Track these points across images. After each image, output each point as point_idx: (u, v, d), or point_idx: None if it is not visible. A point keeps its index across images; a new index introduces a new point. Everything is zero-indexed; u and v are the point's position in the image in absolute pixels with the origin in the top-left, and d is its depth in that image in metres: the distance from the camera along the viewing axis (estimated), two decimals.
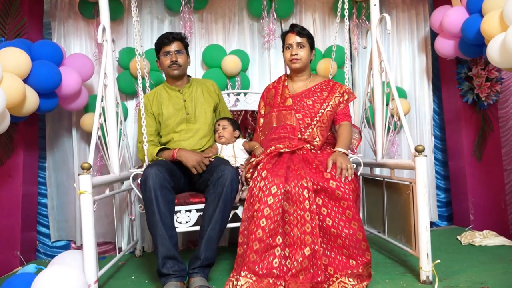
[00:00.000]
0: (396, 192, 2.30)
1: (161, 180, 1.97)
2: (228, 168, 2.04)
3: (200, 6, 3.09)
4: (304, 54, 2.26)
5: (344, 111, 2.27)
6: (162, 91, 2.41)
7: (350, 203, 1.88)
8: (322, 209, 1.91)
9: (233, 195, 2.04)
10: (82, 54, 2.82)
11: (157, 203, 1.94)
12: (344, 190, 1.90)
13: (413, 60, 3.33)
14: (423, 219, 1.96)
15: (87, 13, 2.99)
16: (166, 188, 1.99)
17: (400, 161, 2.30)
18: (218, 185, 2.00)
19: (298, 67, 2.28)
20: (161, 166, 2.02)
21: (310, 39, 2.28)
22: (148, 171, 1.98)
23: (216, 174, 2.03)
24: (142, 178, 1.99)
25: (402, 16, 3.33)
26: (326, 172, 1.94)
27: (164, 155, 2.24)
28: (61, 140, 3.05)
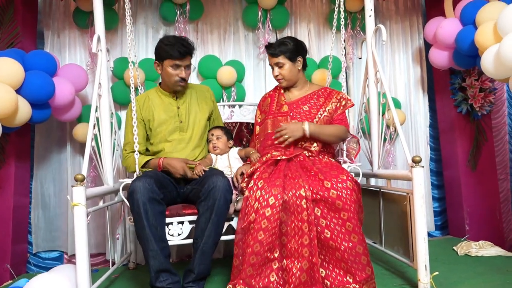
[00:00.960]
0: (392, 203, 2.28)
1: (149, 192, 1.90)
2: (220, 179, 1.97)
3: (196, 16, 3.08)
4: (286, 72, 2.22)
5: (341, 117, 2.24)
6: (154, 96, 2.29)
7: (351, 215, 1.82)
8: (321, 220, 1.85)
9: (226, 206, 1.97)
10: (76, 65, 2.80)
11: (147, 217, 1.88)
12: (345, 200, 1.83)
13: (407, 71, 3.34)
14: (421, 230, 1.94)
15: (82, 22, 2.97)
16: (155, 201, 1.92)
17: (396, 172, 2.29)
18: (210, 197, 1.94)
19: (285, 85, 2.27)
20: (149, 178, 1.95)
21: (287, 53, 2.18)
22: (135, 184, 1.91)
23: (208, 186, 1.96)
24: (129, 191, 1.92)
25: (396, 27, 3.35)
26: (326, 181, 1.88)
27: (150, 166, 2.19)
28: (52, 151, 3.01)
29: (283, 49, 2.18)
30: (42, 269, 2.91)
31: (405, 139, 3.19)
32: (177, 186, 2.21)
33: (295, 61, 2.21)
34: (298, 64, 2.23)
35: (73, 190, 1.81)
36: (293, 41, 2.24)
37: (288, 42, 2.21)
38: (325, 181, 1.88)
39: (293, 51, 2.20)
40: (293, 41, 2.23)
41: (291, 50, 2.19)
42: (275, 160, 2.07)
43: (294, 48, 2.20)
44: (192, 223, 2.08)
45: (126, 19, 2.34)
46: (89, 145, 2.06)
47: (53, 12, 3.04)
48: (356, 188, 1.90)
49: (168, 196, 2.10)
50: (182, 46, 2.14)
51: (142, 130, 2.27)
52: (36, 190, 2.97)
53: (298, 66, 2.23)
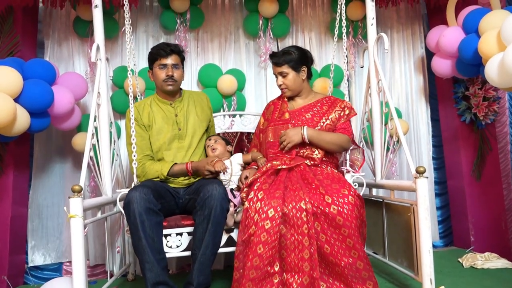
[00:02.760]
0: (396, 214, 2.24)
1: (147, 203, 1.87)
2: (216, 187, 1.93)
3: (196, 25, 3.08)
4: (289, 82, 2.20)
5: (344, 126, 2.21)
6: (152, 103, 2.30)
7: (351, 231, 1.78)
8: (321, 235, 1.81)
9: (223, 215, 1.94)
10: (76, 73, 2.78)
11: (143, 228, 1.85)
12: (346, 217, 1.79)
13: (409, 80, 3.32)
14: (426, 242, 1.90)
15: (82, 31, 2.96)
16: (151, 211, 1.89)
17: (400, 183, 2.25)
18: (206, 206, 1.91)
19: (289, 95, 2.26)
20: (146, 188, 1.92)
21: (291, 62, 2.16)
22: (131, 194, 1.88)
23: (203, 194, 1.93)
24: (125, 202, 1.89)
25: (398, 36, 3.33)
26: (327, 196, 1.85)
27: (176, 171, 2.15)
28: (51, 161, 2.98)
29: (287, 59, 2.16)
30: (41, 280, 2.87)
31: (408, 148, 3.16)
32: (176, 196, 2.18)
33: (299, 71, 2.19)
34: (302, 74, 2.21)
35: (70, 201, 1.78)
36: (298, 50, 2.21)
37: (292, 51, 2.19)
38: (326, 195, 1.84)
39: (297, 60, 2.18)
40: (298, 50, 2.21)
41: (295, 59, 2.17)
42: (276, 169, 2.04)
43: (298, 57, 2.18)
44: (191, 234, 2.05)
45: (125, 28, 2.32)
46: (87, 155, 2.03)
47: (54, 21, 3.04)
48: (358, 203, 1.86)
49: (166, 206, 2.07)
50: (166, 45, 2.21)
51: (147, 136, 2.24)
52: (34, 200, 2.93)
53: (302, 76, 2.21)
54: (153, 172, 2.15)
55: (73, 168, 2.98)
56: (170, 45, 2.22)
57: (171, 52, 2.20)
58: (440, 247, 3.25)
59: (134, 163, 2.15)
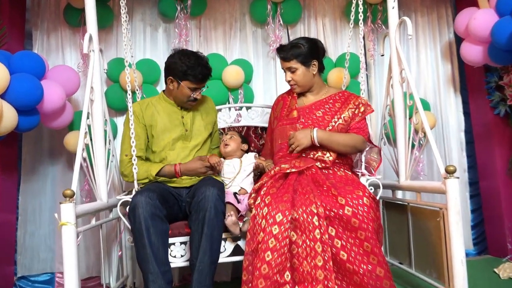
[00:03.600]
0: (423, 219, 2.21)
1: (153, 208, 1.90)
2: (209, 188, 1.96)
3: (198, 12, 3.06)
4: (299, 77, 2.20)
5: (359, 125, 2.20)
6: (157, 102, 2.35)
7: (368, 234, 1.78)
8: (336, 240, 1.81)
9: (219, 218, 1.96)
10: (67, 66, 2.78)
11: (148, 235, 1.87)
12: (362, 218, 1.80)
13: (436, 69, 3.30)
14: (458, 251, 1.87)
15: (73, 20, 2.96)
16: (158, 218, 1.92)
17: (427, 184, 2.22)
18: (200, 209, 1.93)
19: (298, 91, 2.26)
20: (152, 192, 1.95)
21: (300, 57, 2.16)
22: (137, 199, 1.91)
23: (197, 197, 1.96)
24: (131, 207, 1.91)
25: (422, 20, 3.31)
26: (340, 197, 1.84)
27: (165, 173, 2.19)
28: (42, 162, 2.98)
29: (295, 53, 2.16)
30: None
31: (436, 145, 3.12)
32: (179, 199, 2.20)
33: (309, 66, 2.19)
34: (312, 69, 2.20)
35: (61, 207, 1.78)
36: (308, 42, 2.20)
37: (301, 44, 2.18)
38: (339, 197, 1.85)
39: (307, 54, 2.17)
40: (307, 42, 2.20)
41: (304, 53, 2.17)
42: (284, 173, 2.04)
43: (308, 51, 2.17)
44: None
45: (121, 17, 2.31)
46: (80, 156, 2.02)
47: (42, 10, 3.04)
48: (373, 205, 1.86)
49: (170, 212, 2.09)
50: (204, 68, 2.22)
51: (144, 136, 2.28)
52: (23, 206, 2.94)
53: (313, 70, 2.21)
54: (142, 172, 2.18)
55: (66, 170, 2.98)
56: (208, 68, 2.25)
57: (207, 78, 2.26)
58: (473, 256, 3.21)
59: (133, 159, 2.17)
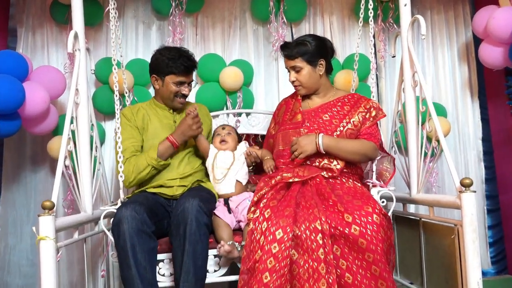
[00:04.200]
0: (436, 236, 2.16)
1: (139, 223, 1.86)
2: (189, 199, 1.92)
3: (195, 8, 3.06)
4: (304, 78, 2.17)
5: (370, 130, 2.16)
6: (148, 107, 2.36)
7: (377, 256, 1.74)
8: (341, 261, 1.77)
9: (201, 231, 1.90)
10: (51, 67, 2.78)
11: (134, 254, 1.84)
12: (371, 239, 1.75)
13: (452, 71, 3.28)
14: (474, 272, 1.81)
15: (60, 17, 2.96)
16: (145, 234, 1.88)
17: (441, 198, 2.17)
18: (180, 223, 1.89)
19: (303, 93, 2.24)
20: (139, 205, 1.91)
21: (306, 55, 2.14)
22: (121, 213, 1.87)
23: (176, 210, 1.93)
24: (114, 221, 1.88)
25: (438, 18, 3.29)
26: (346, 214, 1.80)
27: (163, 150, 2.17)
28: (24, 170, 2.97)
29: (301, 51, 2.13)
30: None
31: (452, 154, 3.12)
32: (169, 211, 2.17)
33: (315, 65, 2.16)
34: (319, 69, 2.18)
35: (39, 220, 1.75)
36: (315, 40, 2.18)
37: (308, 41, 2.16)
38: (345, 213, 1.81)
39: (313, 53, 2.15)
40: (314, 40, 2.18)
41: (311, 51, 2.14)
42: (287, 183, 2.00)
43: (315, 49, 2.15)
44: None
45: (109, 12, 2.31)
46: (61, 164, 1.99)
47: (28, 6, 3.04)
48: (384, 223, 1.82)
49: (159, 226, 2.06)
50: (187, 60, 2.23)
51: (138, 138, 2.28)
52: (3, 217, 2.93)
53: (320, 70, 2.18)
54: (142, 162, 2.16)
55: (50, 178, 2.97)
56: (192, 60, 2.26)
57: (192, 69, 2.27)
58: (491, 275, 3.17)
59: (120, 166, 2.14)
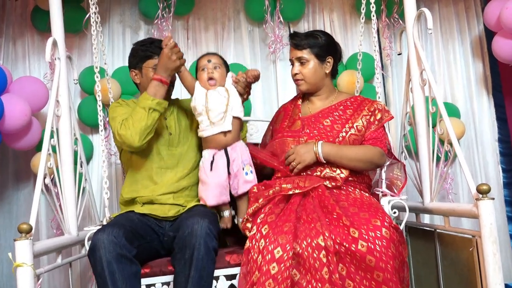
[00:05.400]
0: (453, 248, 2.11)
1: (117, 248, 1.80)
2: (198, 220, 1.85)
3: (185, 11, 3.08)
4: (308, 72, 2.13)
5: (376, 134, 2.11)
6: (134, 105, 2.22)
7: (387, 275, 1.67)
8: (347, 281, 1.71)
9: (209, 257, 1.84)
10: (32, 77, 2.80)
11: (113, 281, 1.77)
12: (380, 255, 1.68)
13: (465, 68, 3.27)
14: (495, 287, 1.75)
15: (42, 25, 2.95)
16: (125, 259, 1.81)
17: (456, 206, 2.12)
18: (186, 246, 1.82)
19: (304, 89, 2.19)
20: (117, 228, 1.85)
21: (316, 48, 2.12)
22: (97, 237, 1.81)
23: (182, 231, 1.85)
24: (90, 247, 1.82)
25: (447, 11, 3.28)
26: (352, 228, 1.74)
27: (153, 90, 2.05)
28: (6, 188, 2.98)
29: (311, 42, 2.12)
30: None
31: (467, 158, 3.10)
32: (160, 233, 2.11)
33: (323, 61, 2.14)
34: (326, 66, 2.16)
35: (15, 245, 1.70)
36: (326, 36, 2.19)
37: (319, 35, 2.16)
38: (351, 228, 1.74)
39: (323, 47, 2.13)
40: (325, 35, 2.19)
41: (321, 45, 2.13)
42: (286, 195, 1.95)
43: (325, 44, 2.14)
44: None
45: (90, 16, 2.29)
46: (40, 183, 1.96)
47: (7, 14, 3.07)
48: (395, 237, 1.75)
49: (147, 248, 2.00)
50: (160, 42, 2.16)
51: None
52: None
53: (326, 68, 2.16)
54: (138, 112, 2.04)
55: None
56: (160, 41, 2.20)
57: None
58: None
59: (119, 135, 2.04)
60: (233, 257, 1.95)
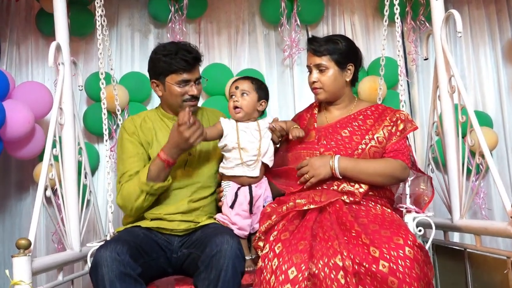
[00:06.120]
0: (485, 270, 2.05)
1: (121, 266, 1.75)
2: (228, 239, 1.80)
3: (197, 13, 3.09)
4: (328, 80, 2.06)
5: (397, 146, 2.04)
6: (153, 117, 2.21)
7: None
8: None
9: (236, 280, 1.80)
10: (37, 83, 2.82)
11: None
12: (403, 277, 1.62)
13: (496, 74, 3.24)
14: None
15: (47, 28, 2.97)
16: (129, 277, 1.77)
17: (489, 224, 2.06)
18: (213, 266, 1.77)
19: (322, 98, 2.12)
20: (121, 245, 1.81)
21: (336, 54, 2.05)
22: (100, 254, 1.77)
23: (209, 250, 1.80)
24: (92, 264, 1.79)
25: (478, 13, 3.28)
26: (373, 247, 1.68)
27: (155, 172, 1.99)
28: (9, 199, 2.99)
29: (331, 48, 2.06)
30: None
31: (501, 171, 3.02)
32: (167, 250, 2.06)
33: (344, 69, 2.08)
34: (347, 74, 2.10)
35: (13, 262, 1.69)
36: (347, 41, 2.12)
37: (339, 40, 2.10)
38: (371, 247, 1.69)
39: (344, 53, 2.07)
40: (346, 41, 2.12)
41: (341, 51, 2.06)
42: (301, 211, 1.91)
43: (346, 50, 2.08)
44: None
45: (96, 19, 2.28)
46: (41, 195, 1.94)
47: (12, 18, 3.10)
48: (419, 257, 1.68)
49: (153, 266, 1.96)
50: (187, 53, 2.08)
51: (143, 156, 2.14)
52: None
53: (347, 76, 2.10)
54: (134, 188, 2.01)
55: None
56: (192, 51, 2.10)
57: (195, 62, 2.09)
58: None
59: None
60: (245, 277, 1.90)
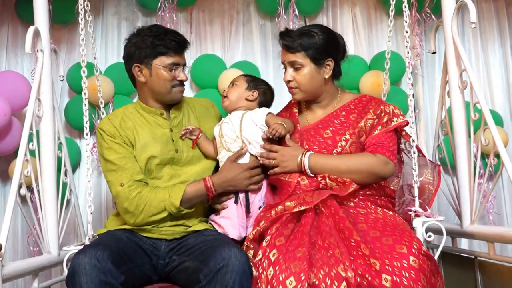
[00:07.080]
0: (498, 280, 2.03)
1: (101, 275, 1.68)
2: (235, 252, 1.73)
3: (188, 2, 3.08)
4: (303, 79, 1.97)
5: (378, 140, 1.95)
6: (133, 114, 2.13)
7: None
8: None
9: None
10: (13, 72, 2.79)
11: None
12: None
13: (505, 71, 3.25)
14: None
15: (27, 14, 2.88)
16: (110, 287, 1.70)
17: (506, 231, 2.00)
18: (217, 282, 1.70)
19: (299, 98, 2.06)
20: (102, 250, 1.73)
21: (311, 50, 1.95)
22: (78, 261, 1.69)
23: (215, 263, 1.72)
24: (69, 272, 1.71)
25: (486, 7, 3.25)
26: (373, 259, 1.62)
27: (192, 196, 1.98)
28: None
29: (305, 43, 1.95)
30: None
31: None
32: (153, 255, 1.99)
33: (321, 65, 1.98)
34: (325, 70, 1.99)
35: None
36: (324, 33, 2.00)
37: (315, 33, 1.97)
38: (372, 258, 1.62)
39: (320, 48, 1.96)
40: (323, 33, 2.00)
41: (318, 46, 1.95)
42: (296, 214, 1.85)
43: (323, 44, 1.96)
44: None
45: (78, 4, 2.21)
46: (14, 193, 1.89)
47: None
48: (426, 267, 1.63)
49: (137, 274, 1.89)
50: (176, 35, 2.07)
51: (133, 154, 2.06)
52: None
53: (325, 73, 2.00)
54: (157, 202, 1.96)
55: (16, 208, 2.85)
56: (181, 35, 2.11)
57: (184, 45, 2.10)
58: None
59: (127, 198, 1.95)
60: None
